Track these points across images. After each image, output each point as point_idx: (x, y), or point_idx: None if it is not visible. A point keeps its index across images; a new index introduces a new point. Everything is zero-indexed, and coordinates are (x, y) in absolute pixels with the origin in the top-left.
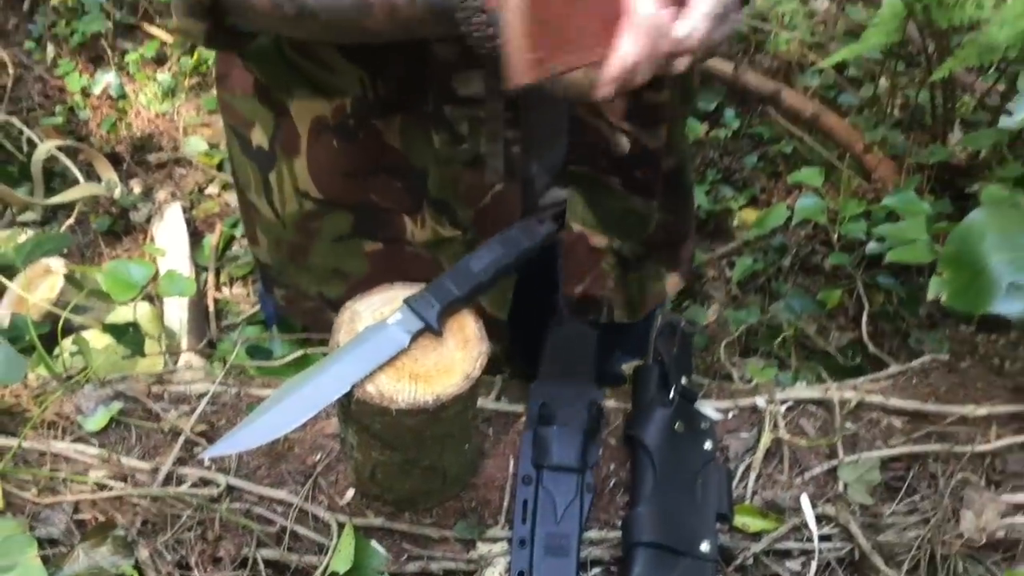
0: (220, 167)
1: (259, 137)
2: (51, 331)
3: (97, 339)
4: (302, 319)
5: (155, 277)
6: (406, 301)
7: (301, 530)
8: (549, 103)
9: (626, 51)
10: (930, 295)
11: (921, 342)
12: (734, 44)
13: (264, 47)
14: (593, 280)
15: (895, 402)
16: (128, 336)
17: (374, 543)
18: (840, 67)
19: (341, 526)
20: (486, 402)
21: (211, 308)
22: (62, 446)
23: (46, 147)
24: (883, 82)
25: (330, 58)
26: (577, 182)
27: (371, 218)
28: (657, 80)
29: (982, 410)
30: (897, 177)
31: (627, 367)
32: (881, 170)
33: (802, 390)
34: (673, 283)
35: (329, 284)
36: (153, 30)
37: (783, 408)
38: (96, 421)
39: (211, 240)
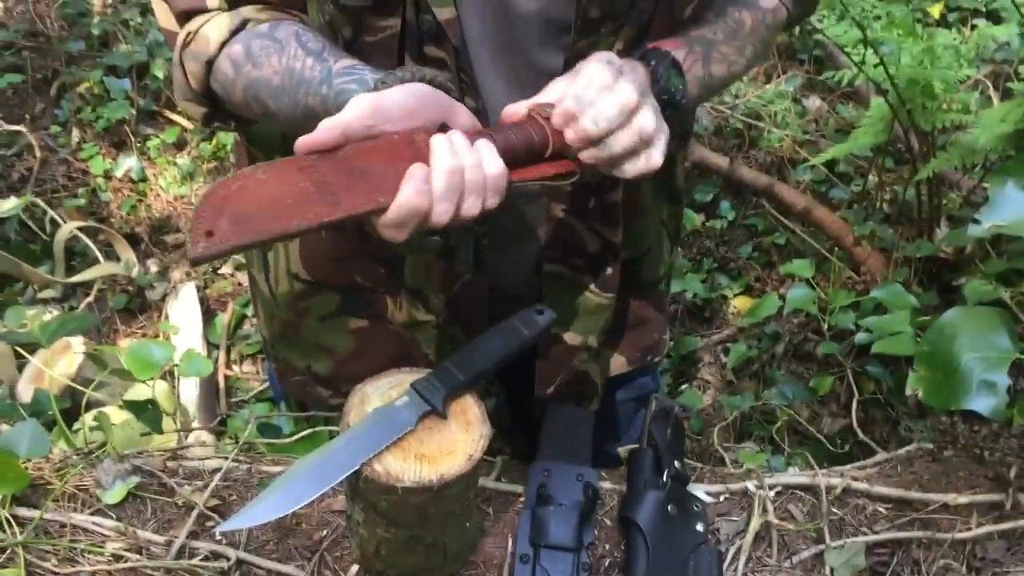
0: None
1: None
2: (71, 406)
3: (115, 415)
4: (293, 392)
5: (172, 359)
6: (413, 385)
7: None
8: (519, 202)
9: (405, 198)
10: (908, 390)
11: (910, 430)
12: (729, 139)
13: (265, 133)
14: (566, 378)
15: (880, 489)
16: (147, 413)
17: None
18: (831, 163)
19: None
20: (486, 482)
21: (222, 385)
22: (81, 518)
23: (68, 227)
24: (872, 178)
25: None
26: (551, 281)
27: (356, 298)
28: (612, 181)
29: (963, 498)
30: (885, 270)
31: (622, 450)
32: (870, 263)
33: (791, 476)
34: (618, 364)
35: (317, 359)
36: (174, 116)
37: (772, 493)
38: (114, 495)
39: (223, 319)
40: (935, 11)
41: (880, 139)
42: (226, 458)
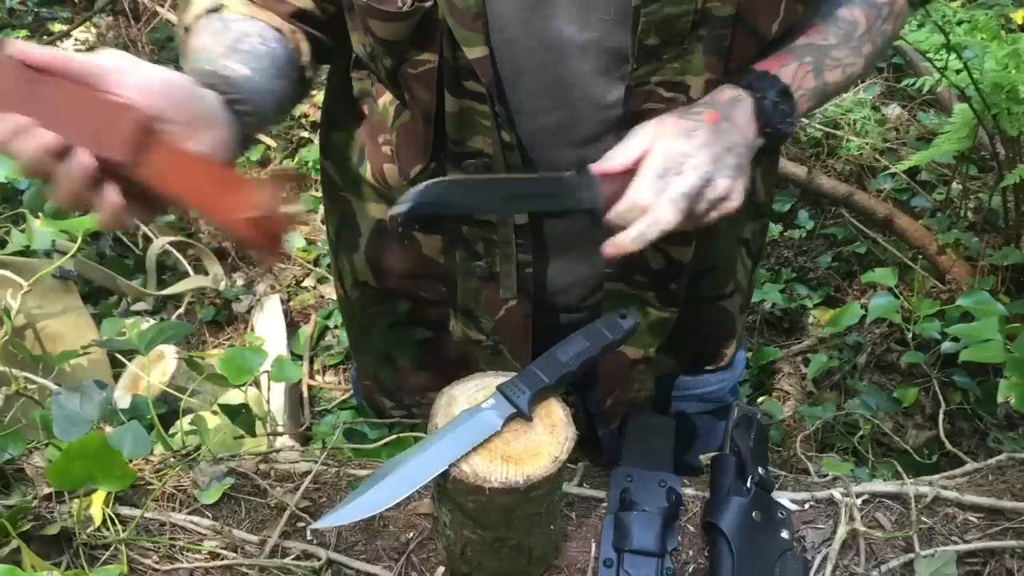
0: (316, 262)
1: (331, 228)
2: (166, 412)
3: (209, 419)
4: (366, 398)
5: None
6: (499, 388)
7: None
8: (569, 227)
9: None
10: (1000, 398)
11: (1000, 441)
12: (807, 148)
13: (341, 150)
14: (622, 389)
15: (971, 498)
16: (241, 417)
17: None
18: (912, 171)
19: None
20: (569, 487)
21: (306, 394)
22: (179, 517)
23: (160, 243)
24: (956, 186)
25: None
26: (611, 299)
27: (424, 308)
28: None
29: None
30: (971, 278)
31: (704, 457)
32: (955, 271)
33: (878, 484)
34: (669, 365)
35: (382, 368)
36: (258, 135)
37: (859, 501)
38: (211, 495)
39: (306, 330)
40: (1018, 17)
41: (964, 145)
42: (315, 461)
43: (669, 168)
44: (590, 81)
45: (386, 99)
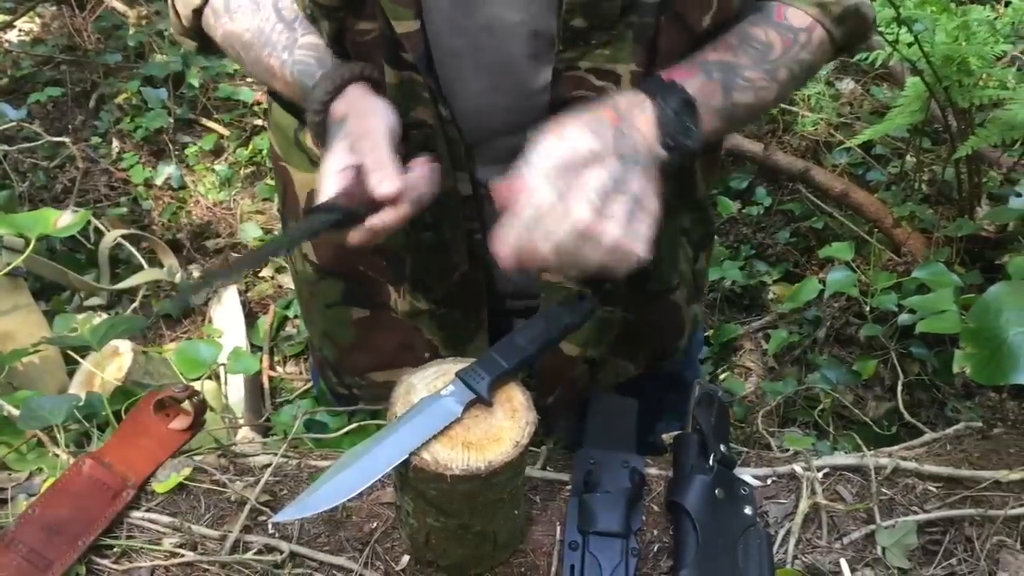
0: None
1: (279, 199)
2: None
3: None
4: (318, 371)
5: (219, 358)
6: (458, 374)
7: None
8: None
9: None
10: (955, 368)
11: (958, 411)
12: (763, 125)
13: (281, 121)
14: (563, 389)
15: (930, 468)
16: None
17: None
18: (867, 145)
19: None
20: (532, 471)
21: (266, 386)
22: (137, 516)
23: (112, 236)
24: (910, 159)
25: None
26: (547, 289)
27: (359, 287)
28: None
29: (1015, 475)
30: (927, 250)
31: (667, 436)
32: (911, 244)
33: (838, 457)
34: (627, 370)
35: (325, 345)
36: (211, 124)
37: (820, 475)
38: (167, 484)
39: (265, 321)
40: None
41: (916, 119)
42: (275, 454)
43: (574, 164)
44: (522, 64)
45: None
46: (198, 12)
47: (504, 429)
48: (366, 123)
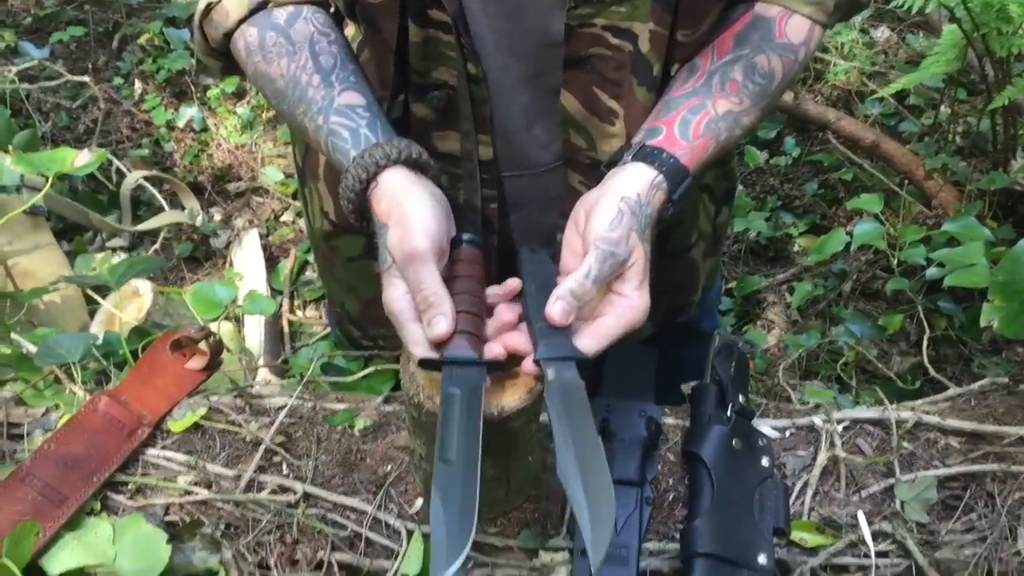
0: (295, 196)
1: (298, 153)
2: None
3: None
4: (336, 325)
5: (235, 299)
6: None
7: (373, 536)
8: (533, 174)
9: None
10: (983, 321)
11: (984, 367)
12: None
13: None
14: None
15: (952, 423)
16: None
17: None
18: (900, 95)
19: (410, 533)
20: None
21: (285, 330)
22: (153, 453)
23: (134, 177)
24: (944, 109)
25: None
26: None
27: None
28: None
29: None
30: (958, 204)
31: (685, 387)
32: (942, 197)
33: (859, 411)
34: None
35: (347, 297)
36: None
37: (840, 427)
38: (182, 423)
39: (286, 265)
40: None
41: (952, 68)
42: (291, 396)
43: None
44: (535, 15)
45: (350, 31)
46: (228, 35)
47: (519, 375)
48: (409, 242)
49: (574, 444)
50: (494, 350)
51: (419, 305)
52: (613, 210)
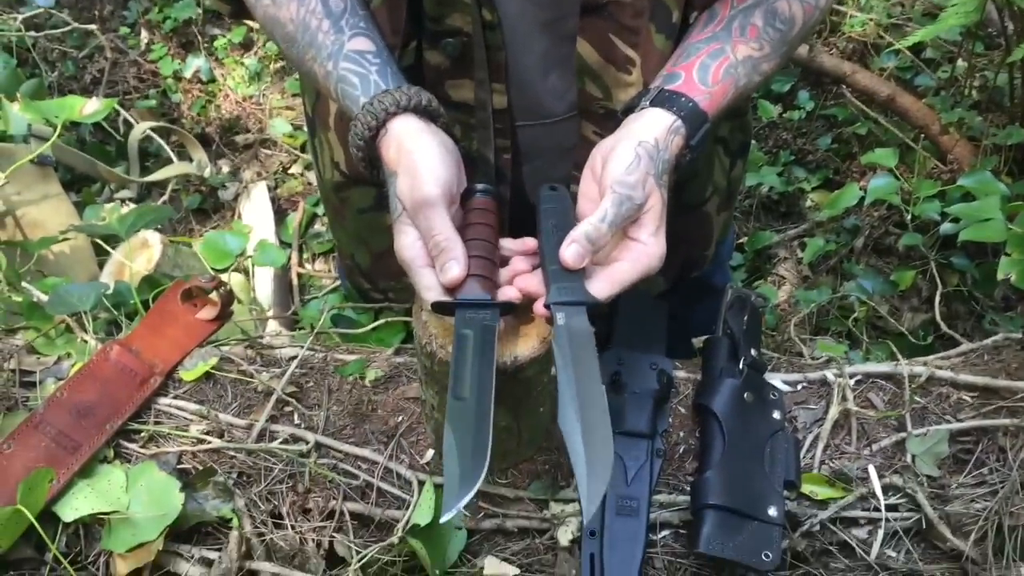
0: (303, 148)
1: (308, 103)
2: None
3: None
4: (346, 277)
5: (246, 249)
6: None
7: (384, 486)
8: (547, 124)
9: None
10: (1000, 275)
11: (996, 323)
12: None
13: None
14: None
15: (965, 377)
16: None
17: None
18: (917, 48)
19: (421, 483)
20: None
21: (295, 282)
22: (165, 402)
23: (141, 128)
24: (961, 63)
25: None
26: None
27: None
28: None
29: None
30: (974, 159)
31: (697, 341)
32: (957, 152)
33: (871, 365)
34: (655, 283)
35: (358, 250)
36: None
37: (852, 381)
38: (194, 373)
39: (295, 218)
40: None
41: (971, 20)
42: (302, 347)
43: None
44: None
45: None
46: None
47: (531, 325)
48: (419, 189)
49: (577, 394)
50: (508, 292)
51: (431, 251)
52: (630, 154)
